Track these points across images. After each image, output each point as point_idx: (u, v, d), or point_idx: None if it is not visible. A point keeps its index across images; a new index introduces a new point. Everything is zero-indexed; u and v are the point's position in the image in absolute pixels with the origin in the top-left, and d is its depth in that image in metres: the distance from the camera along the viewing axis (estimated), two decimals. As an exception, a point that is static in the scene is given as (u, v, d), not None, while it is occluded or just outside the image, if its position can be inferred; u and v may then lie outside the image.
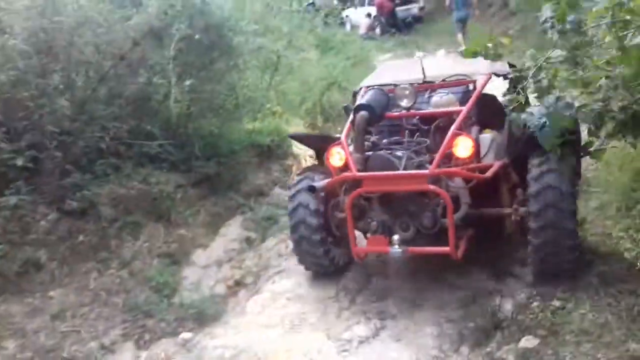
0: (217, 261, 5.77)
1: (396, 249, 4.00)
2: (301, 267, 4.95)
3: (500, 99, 3.79)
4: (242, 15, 6.97)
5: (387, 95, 4.51)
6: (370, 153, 4.28)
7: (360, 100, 4.58)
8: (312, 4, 14.68)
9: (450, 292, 4.35)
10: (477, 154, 4.20)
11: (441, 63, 6.13)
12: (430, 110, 4.50)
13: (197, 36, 6.05)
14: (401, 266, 4.77)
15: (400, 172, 4.05)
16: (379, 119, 4.43)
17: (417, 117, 4.53)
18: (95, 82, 5.71)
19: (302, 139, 6.04)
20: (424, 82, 4.85)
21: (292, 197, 4.66)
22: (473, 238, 4.28)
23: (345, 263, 4.81)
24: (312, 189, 4.30)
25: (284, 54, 7.78)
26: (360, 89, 5.02)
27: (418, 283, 4.52)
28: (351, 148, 4.30)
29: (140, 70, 6.21)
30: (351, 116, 4.48)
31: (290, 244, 5.02)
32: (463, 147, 4.05)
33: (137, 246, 5.39)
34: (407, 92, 4.42)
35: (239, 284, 5.40)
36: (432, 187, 3.93)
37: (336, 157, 4.39)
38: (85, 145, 5.44)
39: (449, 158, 4.10)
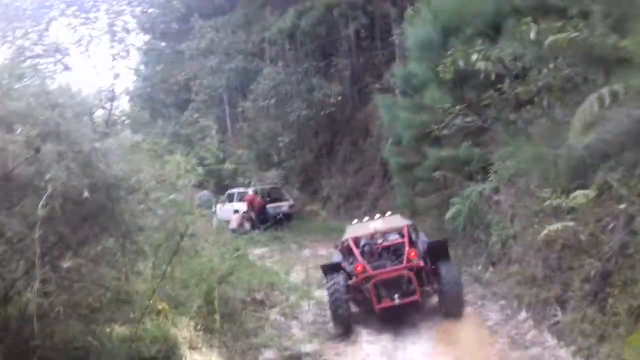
0: None
1: (398, 302, 8.02)
2: None
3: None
4: (138, 178, 5.21)
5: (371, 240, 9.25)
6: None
7: (360, 246, 9.07)
8: None
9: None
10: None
11: (372, 223, 9.85)
12: (392, 241, 9.12)
13: (85, 194, 4.17)
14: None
15: (390, 268, 8.35)
16: (371, 251, 8.93)
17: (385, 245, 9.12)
18: None
19: (328, 267, 8.98)
20: (376, 231, 9.29)
21: (328, 283, 8.44)
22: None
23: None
24: (347, 285, 8.37)
25: (192, 233, 5.99)
26: (346, 240, 9.42)
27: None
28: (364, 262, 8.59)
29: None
30: (357, 251, 8.83)
31: None
32: (414, 254, 8.34)
33: None
34: (379, 235, 9.24)
35: None
36: (405, 272, 8.18)
37: (359, 268, 8.35)
38: None
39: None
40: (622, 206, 5.68)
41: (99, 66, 20.05)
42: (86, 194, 4.27)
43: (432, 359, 6.81)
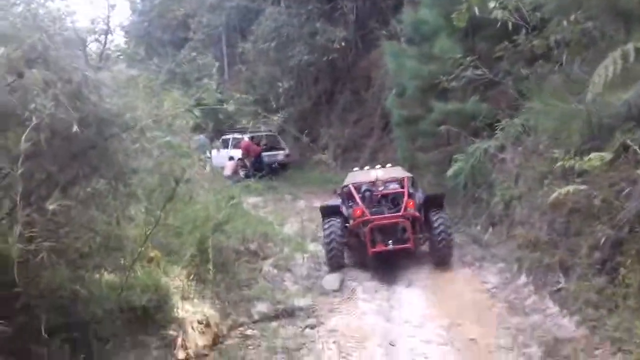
0: None
1: (391, 247, 8.33)
2: None
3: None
4: (132, 115, 4.79)
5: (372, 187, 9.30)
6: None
7: (361, 192, 9.14)
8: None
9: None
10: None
11: (372, 171, 9.99)
12: (392, 190, 9.28)
13: (74, 128, 3.81)
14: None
15: (387, 215, 8.66)
16: (371, 197, 9.08)
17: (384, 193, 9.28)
18: None
19: (327, 209, 9.27)
20: (377, 179, 9.37)
21: (326, 224, 8.78)
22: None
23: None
24: (345, 227, 8.79)
25: (189, 178, 5.64)
26: (347, 185, 9.50)
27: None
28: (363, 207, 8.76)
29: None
30: (357, 196, 9.01)
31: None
32: (412, 204, 8.65)
33: None
34: (380, 183, 9.31)
35: None
36: (401, 220, 8.50)
37: (358, 212, 8.65)
38: None
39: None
40: (640, 171, 5.39)
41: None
42: (75, 127, 3.89)
43: (428, 320, 6.64)
